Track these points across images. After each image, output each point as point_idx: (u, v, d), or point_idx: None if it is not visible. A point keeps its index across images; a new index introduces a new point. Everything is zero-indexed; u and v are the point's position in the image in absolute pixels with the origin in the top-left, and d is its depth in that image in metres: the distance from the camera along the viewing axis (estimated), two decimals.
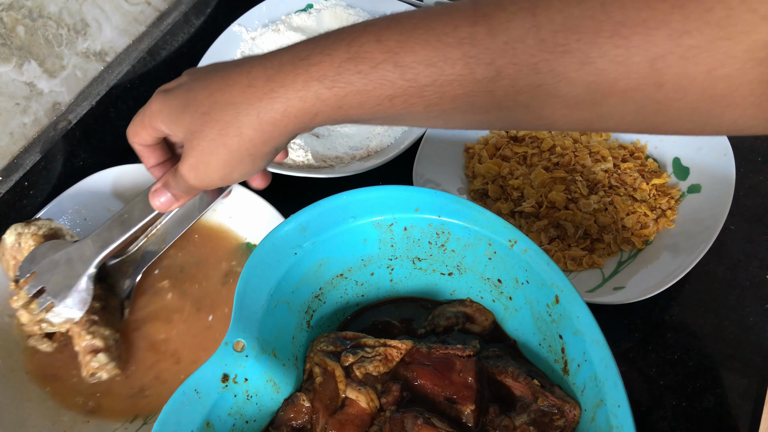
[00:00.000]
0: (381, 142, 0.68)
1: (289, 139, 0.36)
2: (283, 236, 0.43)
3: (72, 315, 0.49)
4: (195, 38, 0.80)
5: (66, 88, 0.67)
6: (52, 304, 0.49)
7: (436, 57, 0.30)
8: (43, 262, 0.50)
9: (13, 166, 0.63)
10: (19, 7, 0.59)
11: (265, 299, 0.42)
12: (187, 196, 0.44)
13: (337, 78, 0.32)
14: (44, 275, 0.50)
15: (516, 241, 0.42)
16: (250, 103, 0.34)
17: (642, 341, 0.55)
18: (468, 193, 0.65)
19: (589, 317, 0.38)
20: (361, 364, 0.42)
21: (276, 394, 0.41)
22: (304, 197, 0.47)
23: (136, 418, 0.51)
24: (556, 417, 0.39)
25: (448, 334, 0.46)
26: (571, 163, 0.63)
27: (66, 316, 0.49)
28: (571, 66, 0.28)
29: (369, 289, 0.50)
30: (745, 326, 0.55)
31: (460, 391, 0.40)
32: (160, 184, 0.44)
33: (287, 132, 0.35)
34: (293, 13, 0.83)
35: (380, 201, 0.44)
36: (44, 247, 0.51)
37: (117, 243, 0.49)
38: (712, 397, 0.51)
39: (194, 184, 0.40)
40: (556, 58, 0.28)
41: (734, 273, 0.58)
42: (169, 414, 0.37)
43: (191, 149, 0.38)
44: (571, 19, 0.28)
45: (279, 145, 0.37)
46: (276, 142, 0.36)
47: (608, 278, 0.56)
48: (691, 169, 0.62)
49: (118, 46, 0.72)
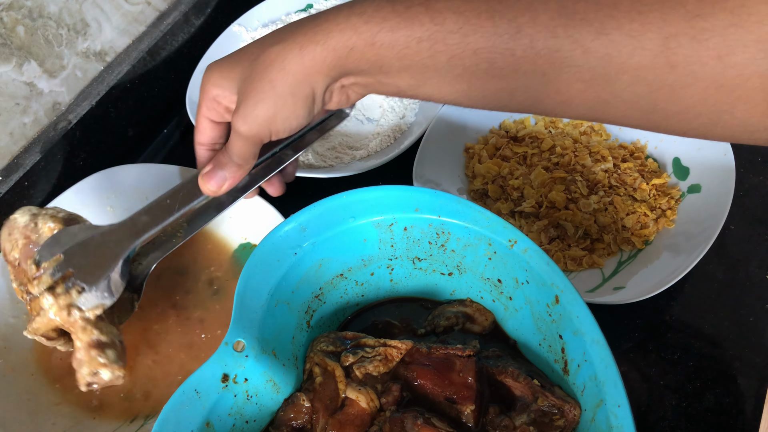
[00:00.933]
0: (381, 142, 0.68)
1: (326, 82, 0.37)
2: (283, 236, 0.43)
3: (103, 301, 0.44)
4: (195, 38, 0.80)
5: (66, 88, 0.67)
6: (82, 288, 0.44)
7: (465, 6, 0.32)
8: (71, 245, 0.45)
9: (13, 166, 0.63)
10: (19, 7, 0.59)
11: (265, 299, 0.42)
12: (240, 170, 0.43)
13: (374, 14, 0.34)
14: (73, 258, 0.45)
15: (516, 241, 0.42)
16: (294, 39, 0.36)
17: (642, 341, 0.55)
18: (468, 193, 0.65)
19: (589, 317, 0.38)
20: (361, 364, 0.42)
21: (276, 394, 0.41)
22: (304, 197, 0.47)
23: (136, 418, 0.51)
24: (556, 417, 0.39)
25: (448, 334, 0.46)
26: (571, 163, 0.63)
27: (97, 302, 0.44)
28: (587, 35, 0.30)
29: (369, 289, 0.50)
30: (745, 326, 0.55)
31: (460, 391, 0.40)
32: (212, 164, 0.43)
33: (325, 68, 0.36)
34: (293, 13, 0.83)
35: (380, 201, 0.44)
36: (73, 230, 0.47)
37: (157, 228, 0.45)
38: (712, 397, 0.51)
39: (243, 131, 0.39)
40: (574, 24, 0.30)
41: (734, 273, 0.58)
42: (169, 414, 0.37)
43: (242, 96, 0.39)
44: None
45: (316, 87, 0.37)
46: (313, 81, 0.37)
47: (608, 278, 0.57)
48: (691, 169, 0.62)
49: (118, 46, 0.72)
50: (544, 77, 0.32)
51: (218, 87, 0.40)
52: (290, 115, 0.39)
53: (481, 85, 0.34)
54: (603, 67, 0.30)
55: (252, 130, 0.39)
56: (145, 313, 0.57)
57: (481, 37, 0.32)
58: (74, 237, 0.46)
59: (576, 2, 0.30)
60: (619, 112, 0.33)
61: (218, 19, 0.82)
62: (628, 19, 0.29)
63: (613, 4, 0.29)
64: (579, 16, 0.30)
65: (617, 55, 0.29)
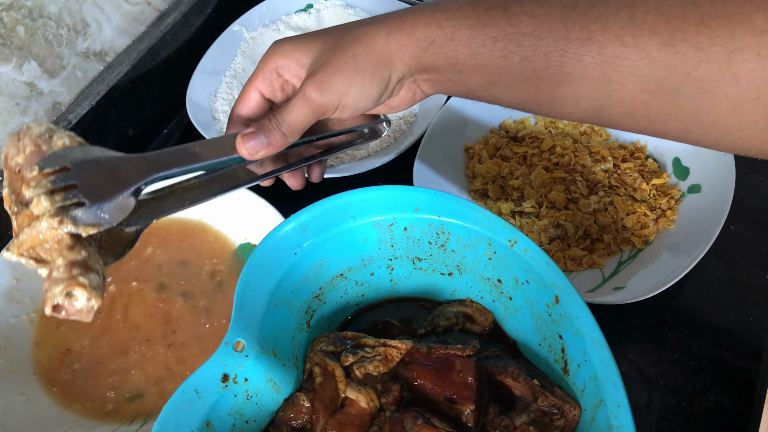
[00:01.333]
0: (381, 142, 0.68)
1: (403, 71, 0.39)
2: (283, 236, 0.43)
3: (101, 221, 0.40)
4: (195, 38, 0.80)
5: (66, 88, 0.67)
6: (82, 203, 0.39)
7: (540, 11, 0.34)
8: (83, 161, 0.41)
9: None
10: (19, 7, 0.59)
11: (265, 299, 0.42)
12: (282, 141, 0.41)
13: (456, 12, 0.36)
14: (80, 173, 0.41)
15: (516, 241, 0.42)
16: (384, 24, 0.38)
17: (642, 341, 0.55)
18: (468, 193, 0.65)
19: (589, 317, 0.38)
20: (361, 364, 0.42)
21: (276, 394, 0.41)
22: (305, 197, 0.47)
23: (136, 418, 0.51)
24: (556, 417, 0.39)
25: (448, 334, 0.46)
26: (571, 163, 0.63)
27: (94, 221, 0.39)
28: (655, 45, 0.31)
29: (369, 289, 0.50)
30: (745, 326, 0.55)
31: (460, 391, 0.40)
32: (255, 127, 0.41)
33: (406, 56, 0.38)
34: (293, 13, 0.83)
35: (380, 201, 0.44)
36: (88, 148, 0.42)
37: (177, 170, 0.42)
38: (712, 397, 0.51)
39: (314, 97, 0.39)
40: (642, 34, 0.31)
41: (734, 273, 0.58)
42: (169, 414, 0.37)
43: (319, 65, 0.39)
44: (663, 4, 0.31)
45: (393, 72, 0.39)
46: (393, 66, 0.38)
47: (608, 278, 0.56)
48: (691, 169, 0.62)
49: (118, 46, 0.72)
50: (610, 85, 0.33)
51: (287, 58, 0.41)
52: (363, 92, 0.39)
53: (550, 90, 0.35)
54: (668, 77, 0.31)
55: (323, 97, 0.39)
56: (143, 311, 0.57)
57: (553, 40, 0.33)
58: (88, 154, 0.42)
59: (646, 14, 0.31)
60: (680, 126, 0.33)
61: (218, 19, 0.82)
62: (695, 32, 0.30)
63: (682, 17, 0.30)
64: (648, 27, 0.31)
65: (682, 66, 0.30)
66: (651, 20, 0.31)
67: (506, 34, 0.35)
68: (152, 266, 0.60)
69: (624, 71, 0.32)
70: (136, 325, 0.57)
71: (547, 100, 0.36)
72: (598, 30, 0.32)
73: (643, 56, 0.31)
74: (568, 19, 0.33)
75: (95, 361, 0.55)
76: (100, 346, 0.56)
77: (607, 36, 0.32)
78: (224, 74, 0.77)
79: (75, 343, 0.56)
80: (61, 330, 0.57)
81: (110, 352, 0.55)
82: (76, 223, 0.39)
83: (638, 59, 0.31)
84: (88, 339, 0.56)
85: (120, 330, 0.57)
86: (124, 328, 0.57)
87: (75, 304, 0.38)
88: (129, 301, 0.58)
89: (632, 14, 0.32)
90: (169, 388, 0.53)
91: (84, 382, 0.53)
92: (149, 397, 0.53)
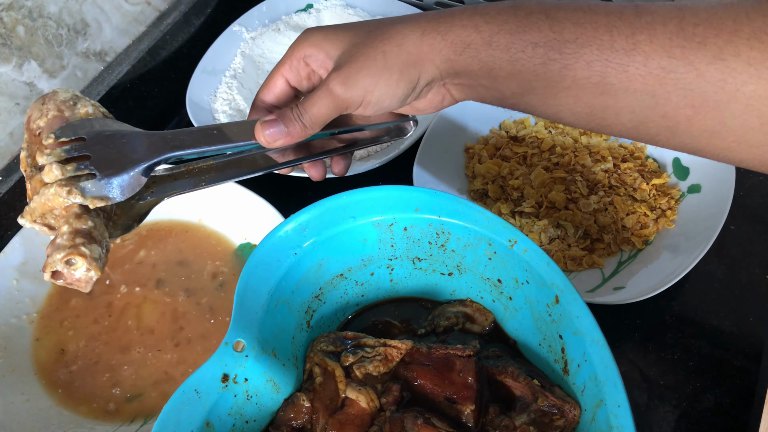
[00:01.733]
0: None
1: (433, 74, 0.38)
2: (283, 236, 0.43)
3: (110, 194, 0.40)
4: (195, 38, 0.80)
5: (66, 88, 0.67)
6: (93, 174, 0.39)
7: (584, 18, 0.33)
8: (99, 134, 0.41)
9: (14, 166, 0.63)
10: (19, 7, 0.59)
11: (265, 299, 0.42)
12: (302, 132, 0.41)
13: (496, 16, 0.35)
14: (96, 145, 0.40)
15: (516, 241, 0.42)
16: (418, 23, 0.37)
17: (642, 341, 0.55)
18: (468, 193, 0.65)
19: (589, 317, 0.38)
20: (361, 364, 0.42)
21: (276, 394, 0.41)
22: (304, 197, 0.47)
23: (136, 418, 0.51)
24: (556, 417, 0.39)
25: (448, 334, 0.46)
26: (571, 163, 0.63)
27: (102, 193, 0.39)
28: (703, 59, 0.30)
29: (369, 289, 0.50)
30: (745, 326, 0.55)
31: (460, 391, 0.40)
32: (275, 115, 0.41)
33: (438, 59, 0.37)
34: (293, 13, 0.83)
35: (380, 201, 0.44)
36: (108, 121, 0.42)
37: (194, 150, 0.41)
38: (712, 397, 0.51)
39: (338, 92, 0.39)
40: (691, 47, 0.30)
41: (734, 273, 0.58)
42: (169, 414, 0.37)
43: (347, 59, 0.38)
44: (714, 16, 0.30)
45: (423, 74, 0.38)
46: (423, 67, 0.37)
47: (608, 278, 0.56)
48: (691, 169, 0.62)
49: (118, 46, 0.72)
50: (653, 99, 0.32)
51: (315, 47, 0.40)
52: (388, 91, 0.38)
53: (589, 100, 0.34)
54: (715, 92, 0.30)
55: (347, 92, 0.38)
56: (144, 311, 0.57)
57: (597, 48, 0.32)
58: (106, 127, 0.42)
59: (696, 25, 0.30)
60: (724, 144, 0.32)
61: (218, 19, 0.82)
62: (747, 47, 0.28)
63: (734, 31, 0.29)
64: (698, 39, 0.30)
65: (732, 82, 0.29)
66: (701, 32, 0.30)
67: (548, 41, 0.33)
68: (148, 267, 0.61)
69: (669, 84, 0.31)
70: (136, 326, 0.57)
71: (585, 110, 0.35)
72: (645, 40, 0.31)
73: (691, 69, 0.30)
74: (614, 28, 0.32)
75: (95, 361, 0.55)
76: (99, 346, 0.56)
77: (653, 47, 0.31)
78: (224, 74, 0.77)
79: (75, 343, 0.56)
80: (61, 330, 0.57)
81: (110, 351, 0.55)
82: (84, 195, 0.39)
83: (685, 72, 0.30)
84: (88, 339, 0.56)
85: (120, 330, 0.57)
86: (124, 328, 0.57)
87: (74, 272, 0.38)
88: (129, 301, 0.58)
89: (681, 26, 0.30)
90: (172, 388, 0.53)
91: (84, 381, 0.53)
92: (149, 397, 0.53)
